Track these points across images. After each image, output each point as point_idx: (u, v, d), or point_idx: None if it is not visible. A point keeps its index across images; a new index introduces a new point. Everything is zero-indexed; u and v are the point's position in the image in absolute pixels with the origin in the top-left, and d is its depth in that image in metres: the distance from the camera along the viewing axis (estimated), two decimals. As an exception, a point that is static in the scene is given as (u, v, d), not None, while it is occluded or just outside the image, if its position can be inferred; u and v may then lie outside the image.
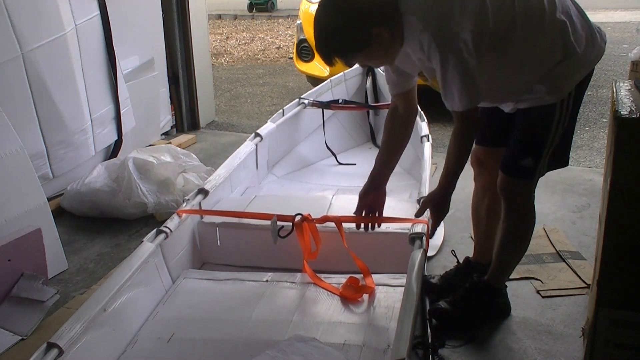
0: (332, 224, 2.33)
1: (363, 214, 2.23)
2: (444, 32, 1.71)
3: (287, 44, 10.00)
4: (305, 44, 5.65)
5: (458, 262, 2.40)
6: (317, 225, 2.34)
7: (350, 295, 2.14)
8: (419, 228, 2.15)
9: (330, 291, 2.19)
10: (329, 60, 1.81)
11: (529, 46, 1.82)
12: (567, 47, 1.83)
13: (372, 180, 2.22)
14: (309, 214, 2.33)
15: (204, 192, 2.59)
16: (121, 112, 3.77)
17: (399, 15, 1.76)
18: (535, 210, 2.11)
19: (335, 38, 1.76)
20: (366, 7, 1.73)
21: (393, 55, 1.86)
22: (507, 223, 2.11)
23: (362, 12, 1.72)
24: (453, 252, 2.44)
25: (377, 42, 1.76)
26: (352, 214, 2.41)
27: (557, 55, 1.83)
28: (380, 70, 4.01)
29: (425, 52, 1.76)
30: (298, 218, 2.32)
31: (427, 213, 2.14)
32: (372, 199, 2.22)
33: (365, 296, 2.14)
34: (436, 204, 2.06)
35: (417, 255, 2.02)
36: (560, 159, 2.04)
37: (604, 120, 5.00)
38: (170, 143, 4.17)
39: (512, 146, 1.98)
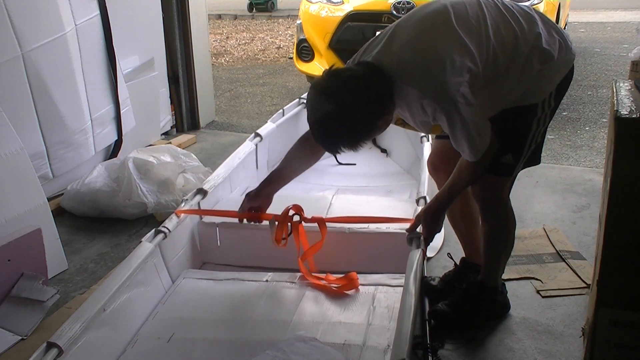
0: (332, 224, 2.33)
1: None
2: (443, 94, 1.74)
3: (287, 44, 10.00)
4: (305, 44, 5.64)
5: (455, 264, 2.40)
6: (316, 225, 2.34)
7: (344, 287, 2.17)
8: (417, 228, 2.15)
9: (326, 290, 2.19)
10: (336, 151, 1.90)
11: (513, 71, 1.86)
12: (543, 54, 1.87)
13: (267, 182, 2.21)
14: (300, 211, 2.32)
15: (202, 192, 2.59)
16: (121, 112, 3.76)
17: (392, 90, 1.78)
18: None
19: (346, 142, 1.85)
20: (363, 101, 1.74)
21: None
22: (486, 227, 2.12)
23: (361, 111, 1.75)
24: (449, 255, 2.44)
25: (383, 122, 1.83)
26: (351, 215, 2.41)
27: (535, 66, 1.87)
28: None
29: (429, 114, 1.81)
30: (296, 218, 2.32)
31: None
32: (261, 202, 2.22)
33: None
34: (429, 217, 2.06)
35: (416, 255, 2.02)
36: (533, 158, 2.07)
37: (604, 120, 5.00)
38: (170, 143, 4.16)
39: None
